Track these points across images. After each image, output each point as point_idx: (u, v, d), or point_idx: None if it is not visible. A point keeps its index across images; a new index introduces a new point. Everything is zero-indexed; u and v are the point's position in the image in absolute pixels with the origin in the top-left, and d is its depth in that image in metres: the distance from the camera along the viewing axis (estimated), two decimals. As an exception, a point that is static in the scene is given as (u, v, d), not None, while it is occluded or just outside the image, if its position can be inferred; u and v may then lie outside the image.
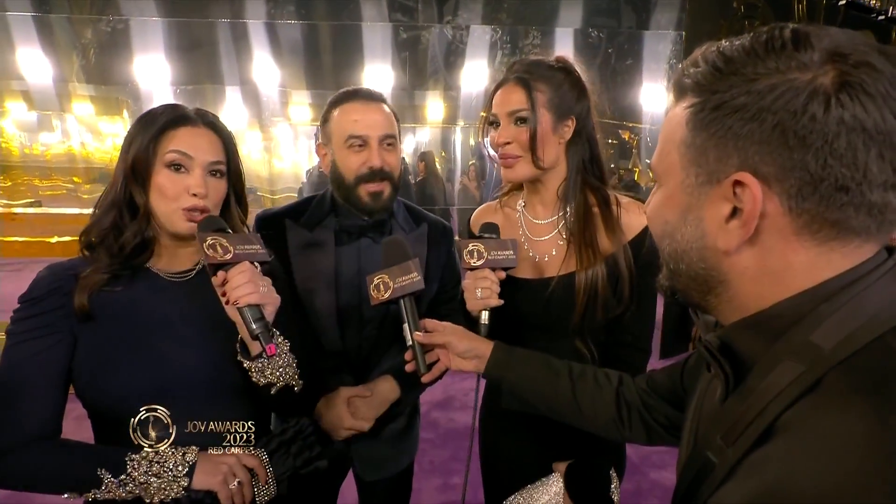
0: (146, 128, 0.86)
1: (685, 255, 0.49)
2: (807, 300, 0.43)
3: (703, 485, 0.47)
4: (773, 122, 0.41)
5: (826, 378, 0.40)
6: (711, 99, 0.44)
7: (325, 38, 5.39)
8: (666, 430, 0.81)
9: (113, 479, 0.77)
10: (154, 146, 0.85)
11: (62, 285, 0.83)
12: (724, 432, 0.45)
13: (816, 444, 0.37)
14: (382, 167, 1.11)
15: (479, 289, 0.95)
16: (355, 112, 1.12)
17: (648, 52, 5.41)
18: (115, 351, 0.83)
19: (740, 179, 0.43)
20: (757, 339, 0.46)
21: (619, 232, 1.01)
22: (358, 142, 1.11)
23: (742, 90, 0.42)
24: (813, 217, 0.42)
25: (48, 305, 0.82)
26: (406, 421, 1.32)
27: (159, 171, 0.85)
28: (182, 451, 0.81)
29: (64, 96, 5.00)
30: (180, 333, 0.88)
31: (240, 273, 0.80)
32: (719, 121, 0.43)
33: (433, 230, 1.26)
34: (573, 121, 1.02)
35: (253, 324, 0.79)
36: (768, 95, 0.41)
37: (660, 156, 0.51)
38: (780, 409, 0.41)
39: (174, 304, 0.89)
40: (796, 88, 0.40)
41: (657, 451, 2.76)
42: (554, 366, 0.90)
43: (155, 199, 0.86)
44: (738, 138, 0.43)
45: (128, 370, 0.82)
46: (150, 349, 0.85)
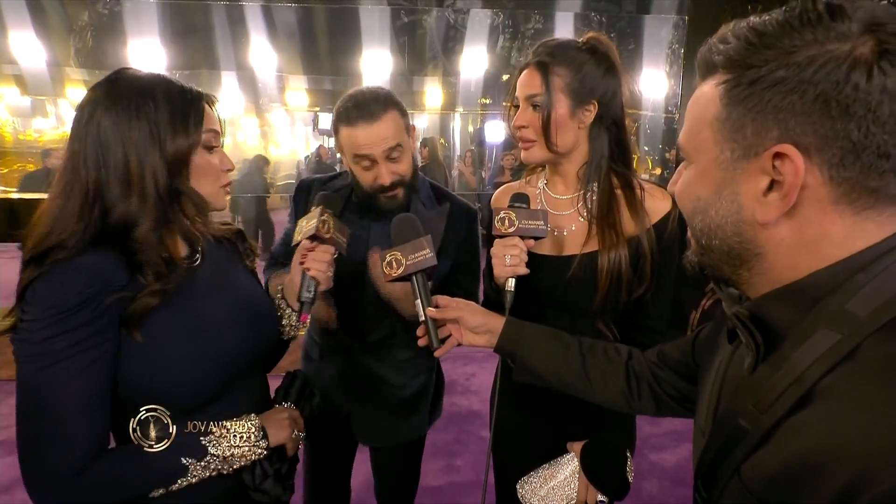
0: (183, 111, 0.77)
1: (719, 230, 0.49)
2: (842, 270, 0.44)
3: (734, 451, 0.48)
4: (815, 94, 0.41)
5: (863, 345, 0.41)
6: (746, 74, 0.44)
7: (321, 22, 5.31)
8: (676, 401, 0.82)
9: (198, 464, 0.79)
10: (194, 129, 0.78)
11: (100, 290, 0.71)
12: (757, 399, 0.46)
13: (860, 406, 0.39)
14: (392, 182, 1.16)
15: (509, 255, 0.96)
16: (359, 133, 1.15)
17: (649, 37, 5.37)
18: (169, 349, 0.79)
19: (781, 151, 0.43)
20: (790, 308, 0.47)
21: (642, 215, 1.01)
22: (365, 161, 1.16)
23: (780, 63, 0.42)
24: (853, 186, 0.42)
25: (86, 316, 0.71)
26: (411, 393, 1.34)
27: (199, 153, 0.79)
28: (243, 420, 0.85)
29: (58, 81, 4.93)
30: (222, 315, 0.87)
31: (324, 252, 0.96)
32: (757, 95, 0.44)
33: (457, 210, 1.29)
34: (595, 105, 1.01)
35: (305, 292, 0.94)
36: (808, 67, 0.41)
37: (689, 134, 0.51)
38: (817, 376, 0.42)
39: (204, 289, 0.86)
40: (837, 59, 0.40)
41: (656, 433, 2.80)
42: (565, 340, 0.91)
43: (202, 184, 0.81)
44: (777, 111, 0.43)
45: (188, 364, 0.80)
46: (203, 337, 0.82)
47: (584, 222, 1.05)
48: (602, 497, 1.03)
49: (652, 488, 2.38)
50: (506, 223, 0.97)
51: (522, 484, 1.09)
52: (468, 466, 2.51)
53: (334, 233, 0.97)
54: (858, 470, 0.36)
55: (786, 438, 0.43)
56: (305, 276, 0.94)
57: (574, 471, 1.05)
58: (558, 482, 1.05)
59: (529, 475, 1.09)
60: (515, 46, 5.65)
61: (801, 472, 0.40)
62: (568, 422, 1.11)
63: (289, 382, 0.99)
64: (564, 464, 1.06)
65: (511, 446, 1.21)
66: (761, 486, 0.44)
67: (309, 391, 1.00)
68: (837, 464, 0.37)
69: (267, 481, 0.83)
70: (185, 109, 0.79)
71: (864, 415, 0.38)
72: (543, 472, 1.07)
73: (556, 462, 1.07)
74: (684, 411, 0.81)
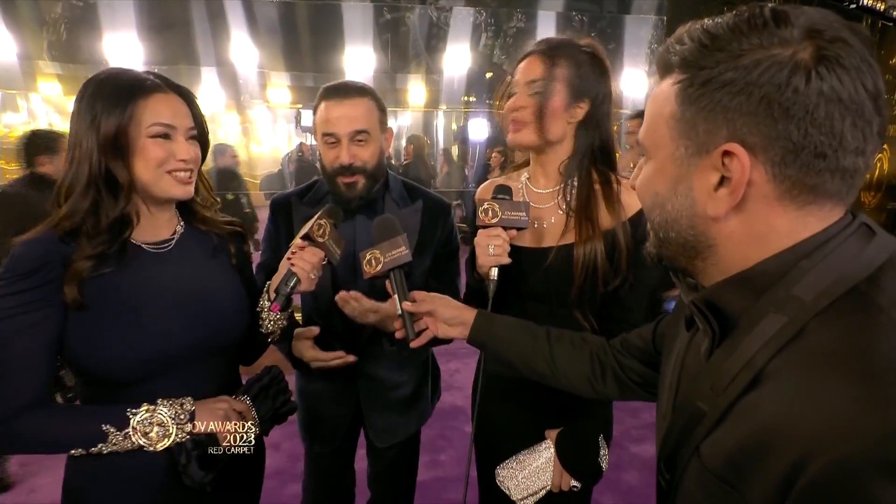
0: (116, 100, 0.84)
1: (675, 224, 0.52)
2: (788, 258, 0.47)
3: (693, 432, 0.51)
4: (760, 95, 0.44)
5: (808, 327, 0.44)
6: (699, 75, 0.47)
7: (304, 18, 5.25)
8: (639, 386, 0.86)
9: (118, 433, 0.83)
10: (133, 118, 0.84)
11: (49, 260, 0.82)
12: (713, 383, 0.49)
13: (806, 386, 0.41)
14: (352, 163, 1.18)
15: (492, 245, 0.99)
16: (330, 110, 1.19)
17: (630, 37, 5.45)
18: (110, 324, 0.85)
19: (729, 150, 0.46)
20: (742, 295, 0.49)
21: (618, 208, 1.04)
22: (331, 139, 1.19)
23: (729, 66, 0.45)
24: (794, 183, 0.45)
25: (37, 281, 0.81)
26: (413, 388, 1.37)
27: (143, 142, 0.85)
28: (179, 401, 0.88)
29: (29, 75, 4.78)
30: (171, 302, 0.91)
31: (312, 254, 0.99)
32: (708, 95, 0.46)
33: (431, 206, 1.31)
34: (588, 103, 1.05)
35: (284, 286, 0.96)
36: (754, 70, 0.44)
37: (648, 131, 0.53)
38: (766, 358, 0.45)
39: (161, 275, 0.91)
40: (779, 63, 0.43)
41: (637, 425, 2.86)
42: (533, 330, 0.94)
43: (140, 169, 0.86)
44: (726, 111, 0.45)
45: (124, 341, 0.85)
46: (144, 319, 0.87)
47: (562, 215, 1.08)
48: (575, 483, 1.05)
49: (632, 479, 2.44)
50: (489, 214, 1.01)
51: (501, 469, 1.11)
52: (452, 461, 2.54)
53: (328, 239, 1.00)
54: (805, 444, 0.39)
55: (740, 418, 0.46)
56: (289, 270, 0.97)
57: (550, 458, 1.07)
58: (534, 468, 1.08)
59: (508, 461, 1.11)
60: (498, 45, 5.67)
61: (755, 449, 0.43)
62: (548, 415, 1.13)
63: (256, 378, 1.01)
64: (541, 451, 1.09)
65: (493, 440, 1.24)
66: (719, 463, 0.47)
67: (277, 390, 1.00)
68: (786, 442, 0.40)
69: (191, 465, 0.85)
70: (120, 94, 0.84)
71: (809, 394, 0.41)
72: (521, 458, 1.10)
73: (533, 449, 1.10)
74: (648, 395, 0.85)
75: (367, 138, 1.19)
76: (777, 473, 0.40)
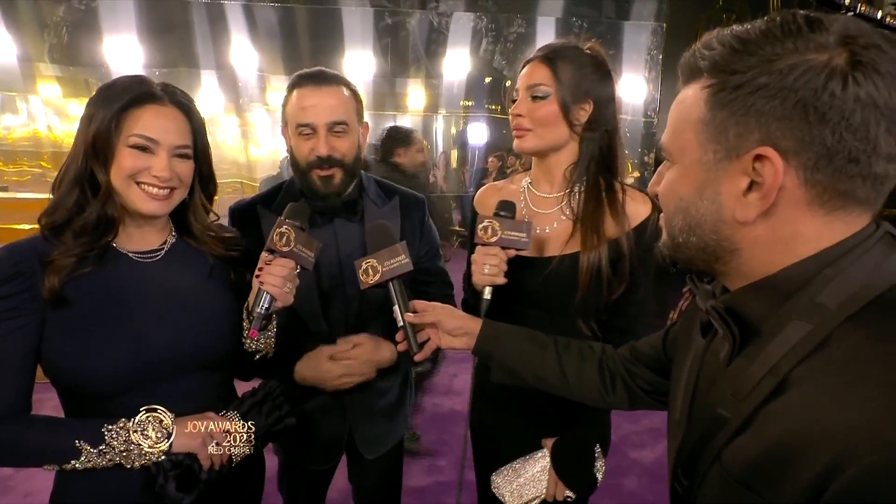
0: (108, 103, 0.83)
1: (697, 228, 0.52)
2: (813, 265, 0.47)
3: (714, 438, 0.50)
4: (795, 100, 0.43)
5: (834, 334, 0.44)
6: (731, 79, 0.47)
7: (303, 23, 5.27)
8: (649, 394, 0.85)
9: (92, 450, 0.80)
10: (117, 125, 0.82)
11: (24, 269, 0.80)
12: (735, 389, 0.48)
13: (834, 393, 0.41)
14: (330, 155, 1.11)
15: (488, 265, 0.97)
16: (305, 98, 1.11)
17: (629, 43, 5.48)
18: (89, 333, 0.82)
19: (762, 153, 0.45)
20: (764, 302, 0.49)
21: (623, 217, 1.03)
22: (306, 130, 1.11)
23: (763, 70, 0.45)
24: (825, 188, 0.45)
25: (12, 289, 0.79)
26: (397, 394, 1.34)
27: (121, 150, 0.83)
28: (158, 417, 0.84)
29: (29, 77, 4.78)
30: (154, 312, 0.88)
31: (280, 266, 0.90)
32: (741, 99, 0.46)
33: (405, 201, 1.26)
34: (590, 105, 1.04)
35: (258, 307, 0.89)
36: (790, 75, 0.44)
37: (673, 135, 0.53)
38: (791, 365, 0.45)
39: (145, 284, 0.89)
40: (815, 68, 0.43)
41: (636, 430, 2.85)
42: (540, 339, 0.93)
43: (113, 176, 0.84)
44: (759, 115, 0.45)
45: (105, 351, 0.82)
46: (125, 329, 0.85)
47: (566, 221, 1.07)
48: (570, 493, 1.04)
49: (632, 485, 2.43)
50: (488, 232, 0.98)
51: (497, 476, 1.11)
52: (451, 466, 2.52)
53: (295, 246, 0.91)
54: (836, 451, 0.39)
55: (765, 424, 0.46)
56: (260, 292, 0.89)
57: (546, 466, 1.06)
58: (529, 476, 1.07)
59: (504, 468, 1.10)
60: (498, 50, 5.69)
61: (782, 454, 0.43)
62: (545, 420, 1.12)
63: (250, 394, 0.96)
64: (537, 459, 1.08)
65: (490, 445, 1.23)
66: (743, 469, 0.46)
67: (272, 406, 0.95)
68: (815, 448, 0.40)
69: (168, 484, 0.82)
70: (114, 100, 0.83)
71: (839, 401, 0.41)
72: (517, 466, 1.09)
73: (529, 457, 1.09)
74: (657, 404, 0.84)
75: (345, 129, 1.12)
76: (806, 479, 0.40)
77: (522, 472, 1.09)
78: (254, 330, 0.89)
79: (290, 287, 0.92)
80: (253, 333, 0.89)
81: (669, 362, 0.73)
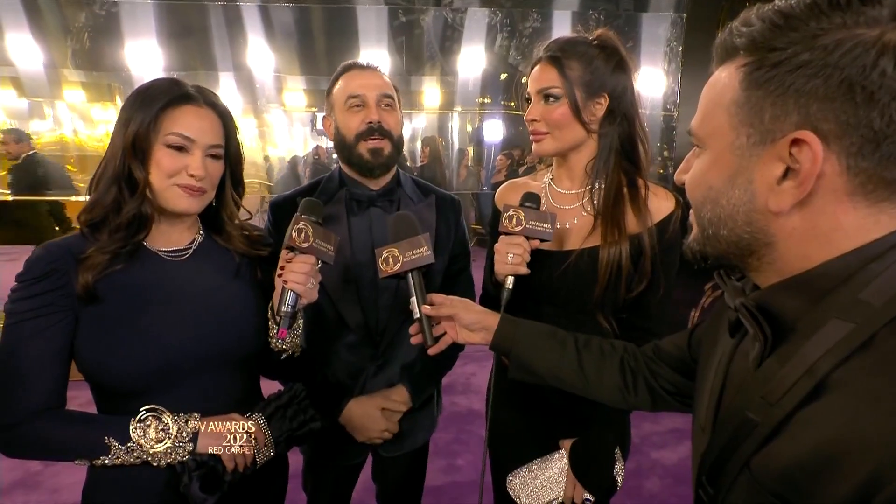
0: (147, 104, 0.86)
1: (729, 220, 0.49)
2: (855, 260, 0.43)
3: (742, 444, 0.47)
4: (840, 78, 0.40)
5: (878, 335, 0.40)
6: (769, 56, 0.43)
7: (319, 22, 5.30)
8: (672, 396, 0.83)
9: (120, 446, 0.83)
10: (155, 124, 0.86)
11: (59, 267, 0.84)
12: (766, 391, 0.45)
13: (877, 399, 0.38)
14: (381, 123, 1.17)
15: (511, 254, 0.97)
16: (354, 78, 1.21)
17: (647, 36, 5.36)
18: (117, 330, 0.85)
19: (800, 137, 0.42)
20: (800, 299, 0.46)
21: (645, 213, 1.02)
22: (357, 101, 1.18)
23: (805, 46, 0.41)
24: (869, 176, 0.41)
25: (47, 286, 0.83)
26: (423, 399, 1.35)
27: (159, 149, 0.87)
28: (185, 417, 0.87)
29: (55, 83, 4.90)
30: (180, 312, 0.91)
31: (302, 262, 0.92)
32: (779, 78, 0.43)
33: (441, 201, 1.30)
34: (606, 98, 1.03)
35: (284, 306, 0.90)
36: (835, 51, 0.40)
37: (703, 119, 0.50)
38: (830, 367, 0.41)
39: (174, 283, 0.92)
40: (865, 43, 0.39)
41: (657, 431, 2.80)
42: (560, 336, 0.91)
43: (153, 176, 0.88)
44: (799, 95, 0.42)
45: (130, 349, 0.85)
46: (150, 327, 0.88)
47: (587, 216, 1.06)
48: (588, 495, 1.03)
49: (653, 486, 2.38)
50: (513, 221, 0.99)
51: (513, 477, 1.09)
52: (469, 466, 2.51)
53: (314, 241, 0.92)
54: (881, 461, 0.35)
55: (800, 430, 0.42)
56: (284, 290, 0.91)
57: (563, 468, 1.05)
58: (547, 478, 1.06)
59: (520, 469, 1.09)
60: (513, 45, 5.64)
61: (816, 464, 0.40)
62: (563, 420, 1.11)
63: (276, 396, 0.98)
64: (554, 461, 1.06)
65: (508, 445, 1.22)
66: (774, 478, 0.44)
67: (296, 410, 0.96)
68: (856, 457, 0.37)
69: (193, 484, 0.84)
70: (152, 100, 0.87)
71: (882, 407, 0.37)
72: (534, 467, 1.08)
73: (547, 458, 1.08)
74: (681, 406, 0.81)
75: (392, 104, 1.20)
76: (846, 491, 0.37)
77: (539, 473, 1.07)
78: (283, 329, 0.91)
79: (314, 283, 0.94)
80: (282, 333, 0.91)
81: (694, 363, 0.70)
